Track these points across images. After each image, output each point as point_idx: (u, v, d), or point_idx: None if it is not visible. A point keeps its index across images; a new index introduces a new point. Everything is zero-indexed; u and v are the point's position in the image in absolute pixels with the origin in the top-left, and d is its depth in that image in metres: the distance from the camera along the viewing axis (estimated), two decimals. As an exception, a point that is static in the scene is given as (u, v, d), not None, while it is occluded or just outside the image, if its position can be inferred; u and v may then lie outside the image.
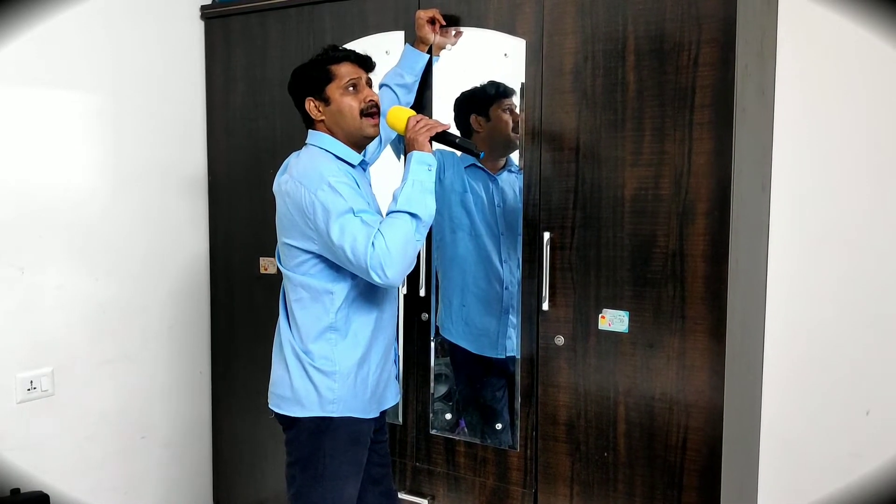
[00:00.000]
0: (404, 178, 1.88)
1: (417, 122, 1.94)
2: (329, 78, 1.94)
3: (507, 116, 2.22)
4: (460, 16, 2.28)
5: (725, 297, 1.92)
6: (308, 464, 1.94)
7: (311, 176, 1.85)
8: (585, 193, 2.09)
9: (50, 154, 2.43)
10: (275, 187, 1.99)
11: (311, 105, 1.96)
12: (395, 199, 1.86)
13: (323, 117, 1.96)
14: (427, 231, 1.88)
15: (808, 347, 2.27)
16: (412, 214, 1.82)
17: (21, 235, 2.36)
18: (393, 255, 1.77)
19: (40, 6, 2.36)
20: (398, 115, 1.98)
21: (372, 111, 1.95)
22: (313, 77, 1.95)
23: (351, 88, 1.94)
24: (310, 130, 2.00)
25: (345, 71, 1.95)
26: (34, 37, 2.35)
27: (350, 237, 1.78)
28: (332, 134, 1.97)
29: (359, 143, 1.99)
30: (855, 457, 2.23)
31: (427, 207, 1.85)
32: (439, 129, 1.94)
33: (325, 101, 1.95)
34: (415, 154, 1.90)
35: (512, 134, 2.22)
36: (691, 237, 1.96)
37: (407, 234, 1.80)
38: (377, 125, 1.98)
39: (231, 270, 2.88)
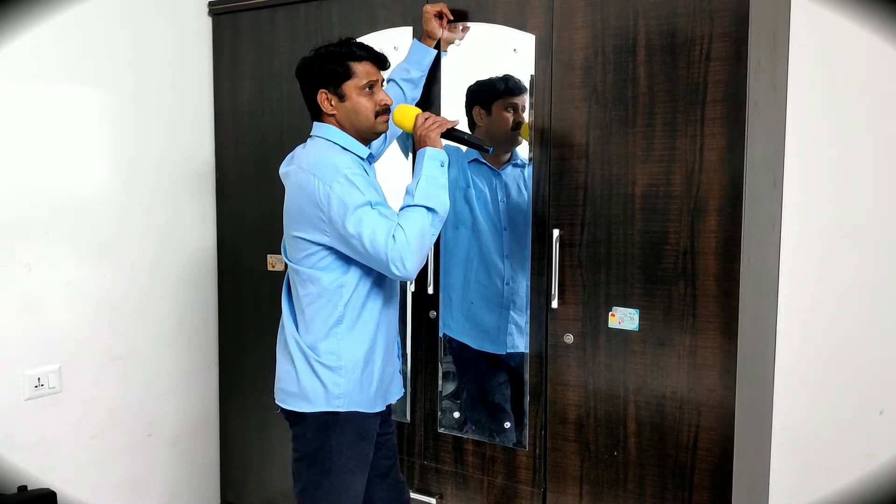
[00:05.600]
0: (417, 174, 1.89)
1: (426, 119, 1.96)
2: (348, 75, 1.92)
3: (507, 114, 2.21)
4: (468, 10, 2.26)
5: (737, 295, 1.90)
6: (315, 459, 1.93)
7: (324, 168, 1.85)
8: (595, 190, 2.07)
9: (55, 151, 2.42)
10: (281, 177, 1.99)
11: (323, 98, 1.94)
12: (409, 193, 1.87)
13: (335, 112, 1.95)
14: (441, 225, 1.89)
15: (821, 346, 2.25)
16: (428, 208, 1.85)
17: (28, 233, 2.36)
18: (412, 247, 1.80)
19: (45, 3, 2.35)
20: (405, 113, 1.99)
21: (384, 110, 1.97)
22: (331, 71, 1.93)
23: (368, 89, 1.94)
24: (316, 122, 1.99)
25: (364, 70, 1.93)
26: (40, 34, 2.34)
27: (369, 229, 1.80)
28: (340, 127, 1.96)
29: (367, 139, 2.00)
30: (868, 457, 2.21)
31: (442, 202, 1.88)
32: (449, 126, 1.95)
33: (341, 97, 1.93)
34: (427, 150, 1.91)
35: (511, 132, 2.21)
36: (703, 234, 1.94)
37: (424, 228, 1.83)
38: (388, 122, 1.99)
39: (238, 267, 2.87)
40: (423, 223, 1.83)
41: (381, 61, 1.98)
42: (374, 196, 1.85)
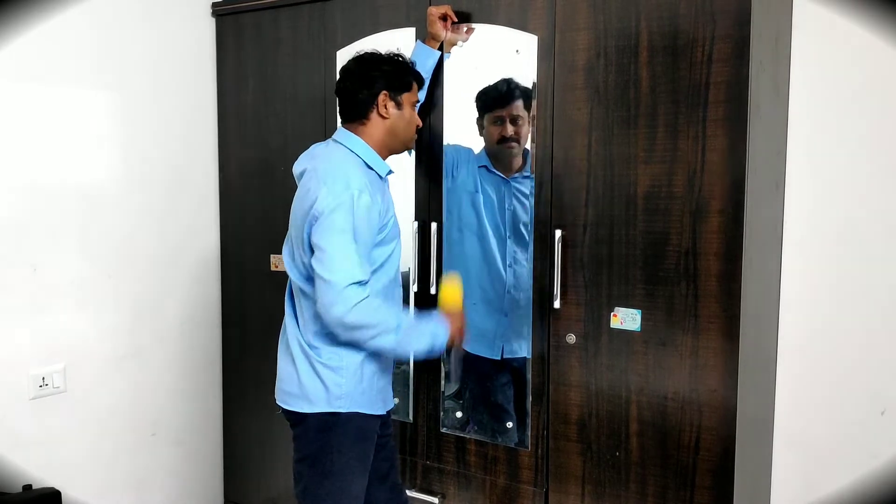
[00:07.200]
0: (420, 323, 1.95)
1: (460, 328, 2.02)
2: (409, 86, 2.00)
3: (494, 129, 2.24)
4: (472, 12, 2.26)
5: (739, 296, 1.90)
6: (316, 460, 1.94)
7: (336, 178, 1.85)
8: (598, 191, 2.08)
9: (61, 152, 2.43)
10: (295, 174, 2.02)
11: (385, 98, 1.96)
12: (400, 326, 1.88)
13: (388, 117, 1.96)
14: (383, 343, 1.88)
15: (822, 346, 2.25)
16: (396, 335, 1.86)
17: (33, 233, 2.37)
18: (362, 321, 1.81)
19: (48, 4, 2.36)
20: (454, 296, 2.05)
21: (418, 130, 2.08)
22: (401, 77, 1.98)
23: (415, 107, 2.03)
24: (344, 129, 1.99)
25: (415, 89, 2.02)
26: (44, 34, 2.35)
27: (340, 256, 1.80)
28: (373, 137, 1.97)
29: (395, 152, 2.04)
30: (870, 457, 2.21)
31: (406, 352, 1.95)
32: (458, 345, 2.05)
33: (398, 104, 1.98)
34: (440, 326, 1.95)
35: (497, 146, 2.24)
36: (705, 235, 1.94)
37: (378, 334, 1.85)
38: (414, 140, 2.09)
39: (242, 267, 2.88)
40: (384, 337, 1.85)
41: (422, 87, 2.11)
42: (366, 234, 1.85)
